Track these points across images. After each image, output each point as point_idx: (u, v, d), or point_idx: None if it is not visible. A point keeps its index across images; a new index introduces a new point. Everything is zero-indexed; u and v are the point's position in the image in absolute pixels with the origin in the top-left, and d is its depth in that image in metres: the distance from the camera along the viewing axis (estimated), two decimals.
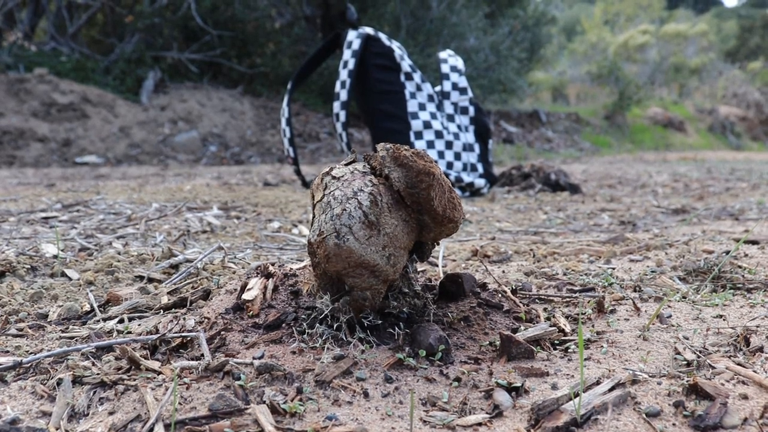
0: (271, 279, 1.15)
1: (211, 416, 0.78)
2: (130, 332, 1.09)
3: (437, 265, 1.56)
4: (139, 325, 1.14)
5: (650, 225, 2.53)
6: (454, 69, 3.80)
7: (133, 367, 0.92)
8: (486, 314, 1.12)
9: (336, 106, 3.78)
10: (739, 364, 0.92)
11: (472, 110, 3.83)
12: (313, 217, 0.99)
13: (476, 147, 3.82)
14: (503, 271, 1.56)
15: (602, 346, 1.02)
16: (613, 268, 1.56)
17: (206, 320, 1.06)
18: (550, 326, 1.07)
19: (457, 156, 3.69)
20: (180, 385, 0.86)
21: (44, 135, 7.10)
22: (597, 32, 22.30)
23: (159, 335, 1.01)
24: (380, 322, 1.03)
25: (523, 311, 1.15)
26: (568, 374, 0.91)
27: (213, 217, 2.59)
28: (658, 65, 20.34)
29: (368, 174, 0.99)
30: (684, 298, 1.29)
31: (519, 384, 0.86)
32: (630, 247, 1.83)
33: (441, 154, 3.64)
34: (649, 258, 1.69)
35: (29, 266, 1.54)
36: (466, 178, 3.67)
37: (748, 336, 1.02)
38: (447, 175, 3.46)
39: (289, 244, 2.02)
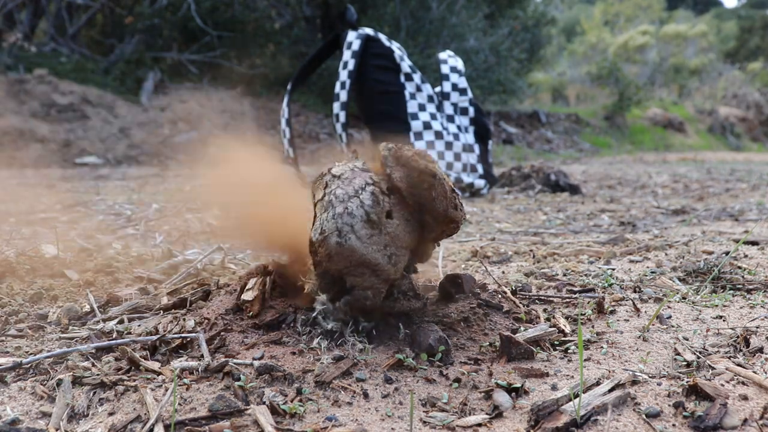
0: (270, 279, 1.14)
1: (210, 417, 0.78)
2: (129, 333, 1.08)
3: (437, 266, 1.56)
4: (139, 325, 1.13)
5: (650, 226, 2.53)
6: (453, 70, 3.80)
7: (132, 368, 0.92)
8: (486, 315, 1.12)
9: (336, 106, 3.78)
10: (738, 365, 0.92)
11: (471, 111, 3.83)
12: (315, 216, 0.99)
13: (476, 148, 3.82)
14: (503, 272, 1.56)
15: (602, 347, 1.02)
16: (613, 269, 1.56)
17: (206, 321, 1.06)
18: (550, 327, 1.07)
19: (457, 157, 3.69)
20: (180, 385, 0.86)
21: (44, 136, 7.10)
22: (597, 33, 22.31)
23: (159, 336, 1.01)
24: (380, 322, 1.03)
25: (523, 312, 1.15)
26: (567, 375, 0.91)
27: (213, 217, 2.58)
28: (658, 66, 20.34)
29: (368, 171, 0.99)
30: (684, 298, 1.29)
31: (519, 385, 0.86)
32: (630, 248, 1.83)
33: (441, 155, 3.64)
34: (649, 259, 1.69)
35: (29, 267, 1.54)
36: (466, 178, 3.67)
37: (748, 337, 1.02)
38: (447, 176, 3.45)
39: None
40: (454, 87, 3.78)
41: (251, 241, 1.31)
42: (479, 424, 0.78)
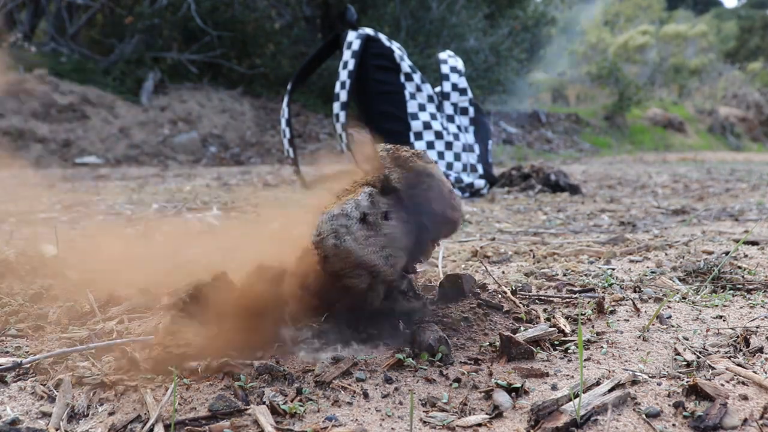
0: None
1: (210, 417, 0.78)
2: (129, 333, 1.08)
3: (437, 266, 1.56)
4: (139, 325, 1.13)
5: (650, 226, 2.53)
6: (453, 70, 3.80)
7: (132, 368, 0.92)
8: (486, 315, 1.12)
9: (336, 106, 3.78)
10: (738, 365, 0.92)
11: (471, 111, 3.83)
12: None
13: (476, 148, 3.82)
14: (503, 272, 1.56)
15: (602, 347, 1.02)
16: (613, 269, 1.56)
17: None
18: (550, 327, 1.07)
19: (457, 157, 3.69)
20: (180, 385, 0.86)
21: (44, 136, 7.10)
22: (597, 33, 22.32)
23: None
24: (380, 322, 1.03)
25: (523, 312, 1.15)
26: (567, 375, 0.91)
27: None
28: (658, 66, 20.34)
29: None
30: (684, 298, 1.29)
31: (519, 385, 0.86)
32: (630, 248, 1.83)
33: (441, 155, 3.64)
34: (649, 259, 1.69)
35: (29, 267, 1.54)
36: (466, 178, 3.67)
37: (748, 337, 1.02)
38: (447, 176, 3.45)
39: None
40: (454, 87, 3.78)
41: None
42: (479, 424, 0.78)
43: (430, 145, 3.63)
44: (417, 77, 3.74)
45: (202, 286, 0.99)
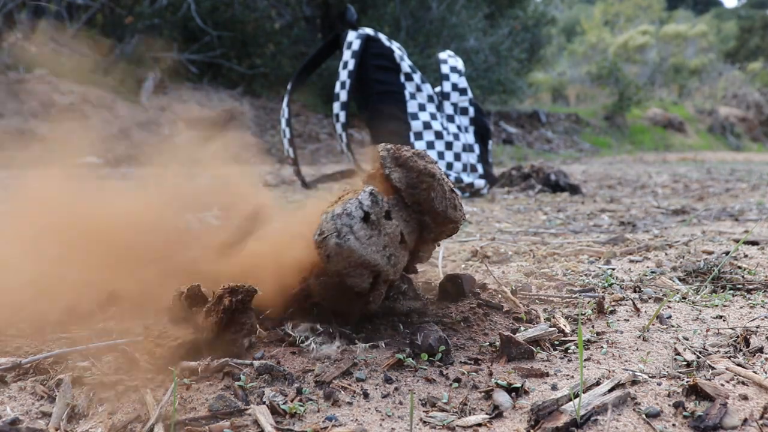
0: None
1: (210, 417, 0.78)
2: (129, 333, 1.08)
3: (437, 266, 1.56)
4: (139, 325, 1.13)
5: (650, 226, 2.53)
6: (453, 70, 3.80)
7: (132, 368, 0.92)
8: (486, 315, 1.12)
9: (336, 106, 3.78)
10: (739, 365, 0.92)
11: (471, 111, 3.83)
12: None
13: (476, 148, 3.82)
14: (503, 272, 1.56)
15: (602, 347, 1.02)
16: (613, 269, 1.56)
17: None
18: (550, 327, 1.07)
19: (457, 157, 3.69)
20: (180, 385, 0.86)
21: (44, 136, 7.09)
22: (597, 33, 22.33)
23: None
24: (380, 322, 1.03)
25: (523, 312, 1.15)
26: (567, 375, 0.91)
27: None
28: (658, 66, 20.35)
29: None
30: (684, 298, 1.29)
31: (519, 384, 0.86)
32: (630, 248, 1.83)
33: (441, 155, 3.64)
34: (649, 259, 1.69)
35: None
36: (466, 178, 3.67)
37: (748, 337, 1.02)
38: (447, 176, 3.43)
39: None
40: (454, 87, 3.78)
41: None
42: (479, 424, 0.78)
43: (430, 145, 3.63)
44: (417, 77, 3.74)
45: (180, 294, 1.00)
